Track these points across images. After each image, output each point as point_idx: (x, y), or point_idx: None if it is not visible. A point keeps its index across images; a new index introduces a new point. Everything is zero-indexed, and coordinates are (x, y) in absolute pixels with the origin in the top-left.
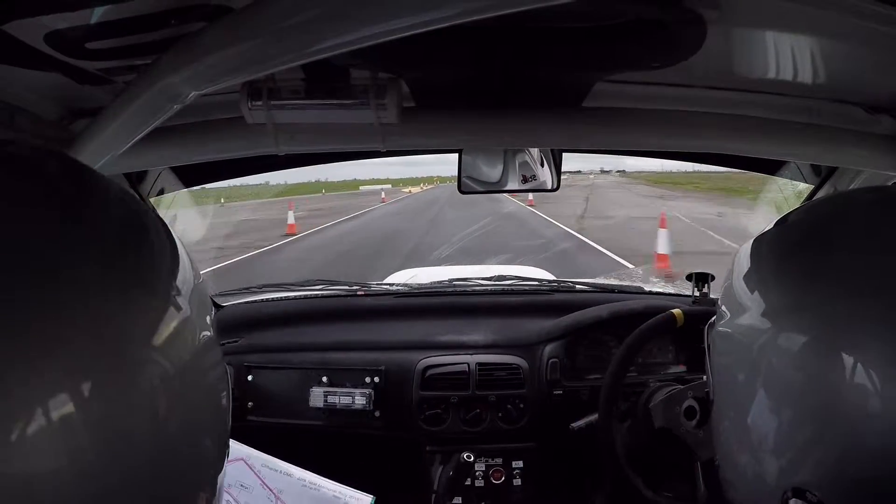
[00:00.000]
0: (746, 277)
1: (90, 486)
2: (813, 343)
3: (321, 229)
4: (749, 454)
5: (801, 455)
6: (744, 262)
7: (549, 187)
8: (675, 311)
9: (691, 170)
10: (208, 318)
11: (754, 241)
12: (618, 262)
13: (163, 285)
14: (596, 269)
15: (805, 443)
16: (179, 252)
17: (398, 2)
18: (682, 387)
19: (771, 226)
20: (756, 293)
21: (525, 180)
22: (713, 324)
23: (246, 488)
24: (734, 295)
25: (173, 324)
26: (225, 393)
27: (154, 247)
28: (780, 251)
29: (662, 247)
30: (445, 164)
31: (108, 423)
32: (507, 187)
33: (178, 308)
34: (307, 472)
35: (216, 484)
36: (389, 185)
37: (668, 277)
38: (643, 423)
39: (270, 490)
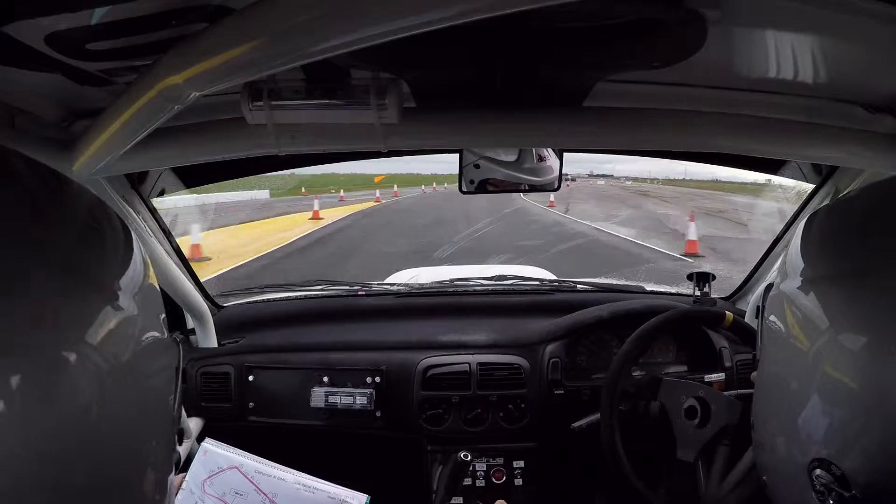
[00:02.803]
0: (804, 246)
1: (9, 481)
2: (868, 332)
3: None
4: (781, 421)
5: (833, 428)
6: (805, 231)
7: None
8: (728, 313)
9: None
10: (157, 321)
11: (819, 212)
12: None
13: (107, 287)
14: None
15: (839, 418)
16: (133, 256)
17: (399, 2)
18: (695, 383)
19: (833, 202)
20: (814, 262)
21: (541, 159)
22: (770, 287)
23: (241, 495)
24: (793, 261)
25: (112, 323)
26: (172, 396)
27: (104, 249)
28: (843, 225)
29: None
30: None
31: (32, 418)
32: (523, 169)
33: (119, 309)
34: (302, 474)
35: (165, 486)
36: (341, 191)
37: None
38: (648, 386)
39: (265, 495)
